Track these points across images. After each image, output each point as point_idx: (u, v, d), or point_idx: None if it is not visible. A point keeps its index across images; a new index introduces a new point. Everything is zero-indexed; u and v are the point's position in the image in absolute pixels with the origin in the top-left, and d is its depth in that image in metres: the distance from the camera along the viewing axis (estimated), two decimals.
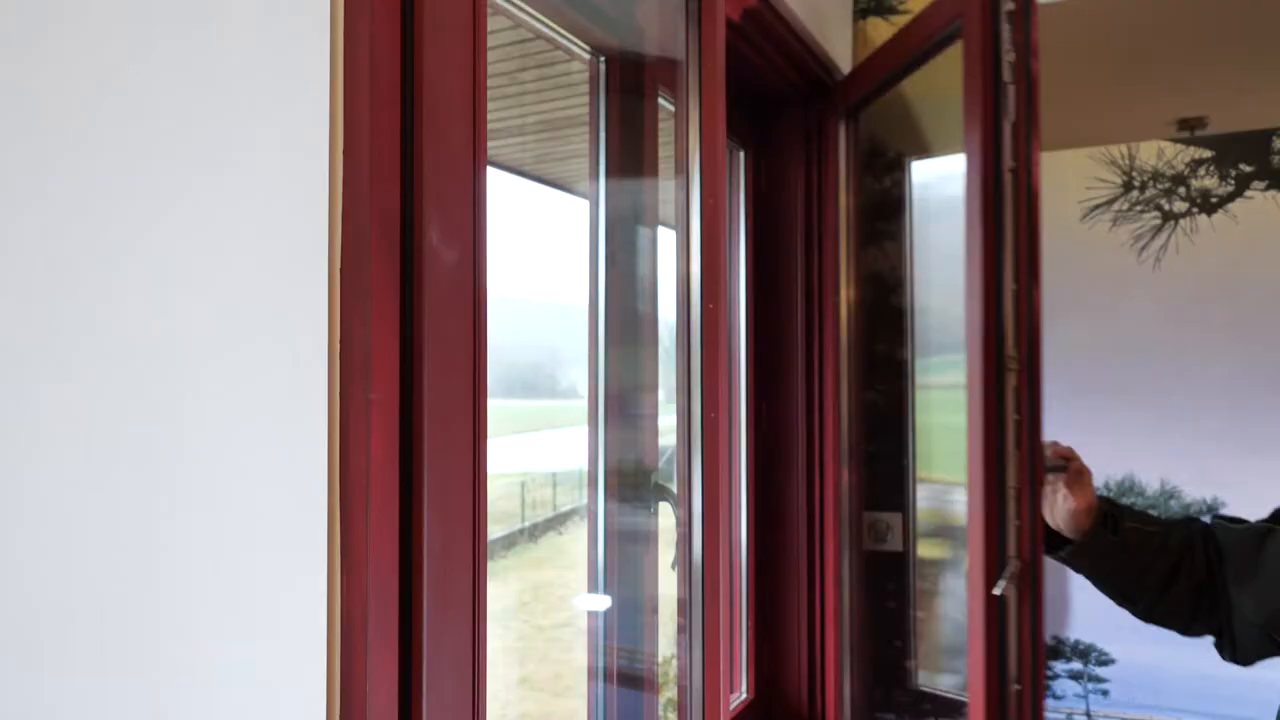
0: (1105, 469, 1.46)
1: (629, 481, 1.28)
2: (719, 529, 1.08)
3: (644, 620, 1.29)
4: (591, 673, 1.27)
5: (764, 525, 1.91)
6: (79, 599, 0.68)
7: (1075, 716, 1.97)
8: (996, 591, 1.31)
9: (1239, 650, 1.23)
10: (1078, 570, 1.33)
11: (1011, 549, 1.34)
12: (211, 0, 0.65)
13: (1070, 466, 1.32)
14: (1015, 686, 1.34)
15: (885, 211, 1.99)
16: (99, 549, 0.68)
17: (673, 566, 1.19)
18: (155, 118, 0.67)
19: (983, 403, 1.41)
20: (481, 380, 0.67)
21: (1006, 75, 1.38)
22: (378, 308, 0.60)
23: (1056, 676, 2.00)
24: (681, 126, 1.14)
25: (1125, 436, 1.97)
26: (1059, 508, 1.31)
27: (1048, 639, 2.01)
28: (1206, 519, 1.33)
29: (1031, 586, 1.31)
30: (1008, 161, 1.37)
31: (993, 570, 1.37)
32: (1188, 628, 1.30)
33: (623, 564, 1.28)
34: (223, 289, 0.64)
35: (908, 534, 2.05)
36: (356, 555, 0.60)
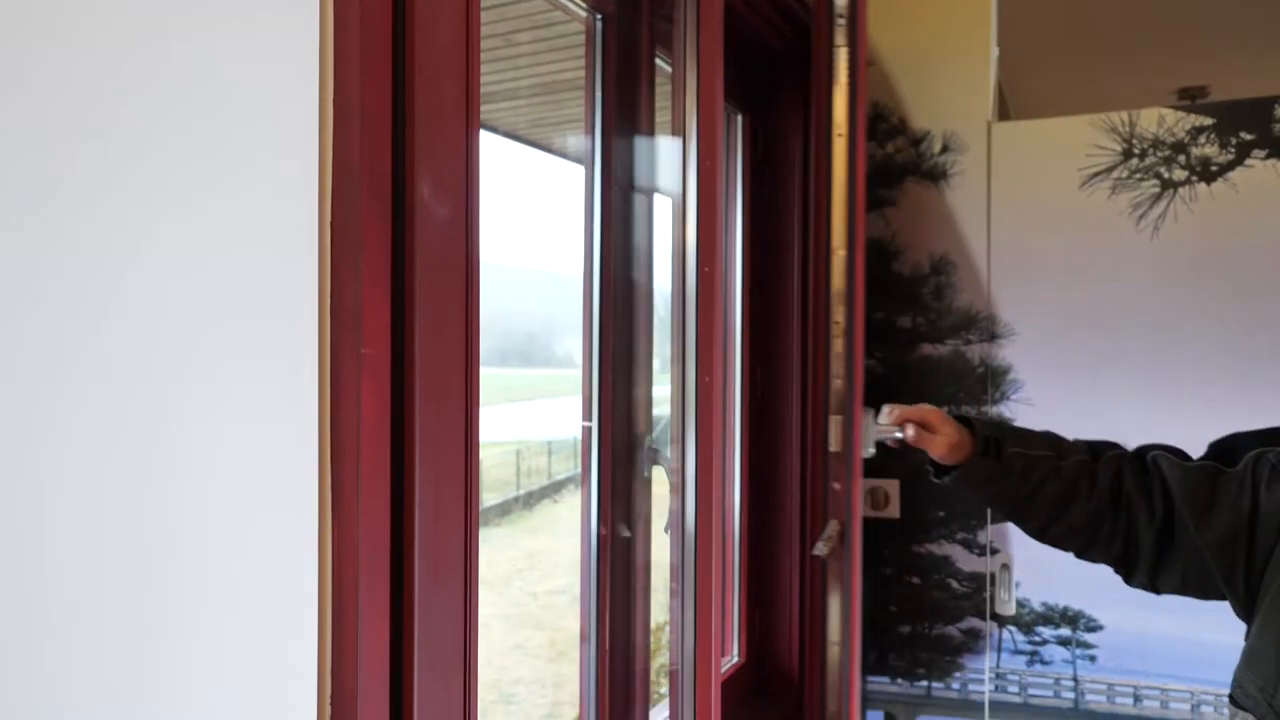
0: (1097, 435, 1.46)
1: (623, 447, 1.28)
2: (713, 493, 1.08)
3: (637, 585, 1.30)
4: (584, 639, 1.28)
5: (758, 490, 1.92)
6: (63, 572, 0.68)
7: (1063, 681, 1.99)
8: (815, 552, 1.32)
9: (1182, 584, 1.22)
10: (964, 494, 1.33)
11: (832, 511, 1.35)
12: None
13: (907, 432, 1.30)
14: (834, 646, 1.36)
15: (888, 178, 1.97)
16: (88, 514, 0.67)
17: (665, 530, 1.20)
18: (145, 76, 0.65)
19: (813, 368, 1.42)
20: (474, 336, 0.67)
21: (838, 39, 1.35)
22: (368, 260, 0.59)
23: (1045, 643, 2.01)
24: (679, 87, 1.12)
25: (1119, 404, 1.97)
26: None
27: (1037, 605, 2.02)
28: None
29: (846, 547, 1.33)
30: (837, 127, 1.35)
31: (817, 531, 1.39)
32: (1084, 552, 1.29)
33: (616, 529, 1.28)
34: (212, 240, 0.63)
35: (906, 501, 2.07)
36: (348, 516, 0.59)
